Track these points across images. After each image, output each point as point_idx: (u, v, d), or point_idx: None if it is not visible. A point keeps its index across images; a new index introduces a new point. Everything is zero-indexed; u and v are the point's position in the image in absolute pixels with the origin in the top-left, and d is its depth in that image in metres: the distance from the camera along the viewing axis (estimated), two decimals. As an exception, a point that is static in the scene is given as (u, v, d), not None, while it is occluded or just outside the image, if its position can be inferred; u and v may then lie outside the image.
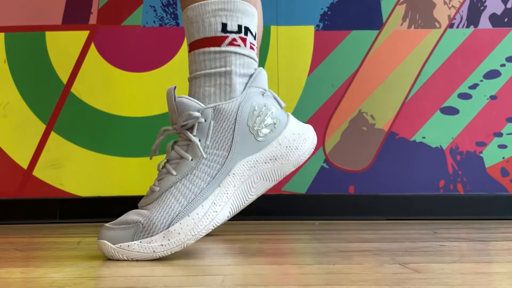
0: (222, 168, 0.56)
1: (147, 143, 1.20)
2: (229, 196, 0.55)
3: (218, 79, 0.58)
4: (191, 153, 0.56)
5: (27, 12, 1.22)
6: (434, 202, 1.18)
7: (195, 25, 0.59)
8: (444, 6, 1.22)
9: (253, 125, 0.57)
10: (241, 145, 0.56)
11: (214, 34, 0.58)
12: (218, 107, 0.57)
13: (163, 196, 0.55)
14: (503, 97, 1.21)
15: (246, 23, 0.59)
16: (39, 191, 1.19)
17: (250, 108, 0.57)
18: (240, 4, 0.58)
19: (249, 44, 0.59)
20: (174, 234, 0.54)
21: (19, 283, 0.44)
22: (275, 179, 0.58)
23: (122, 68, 1.22)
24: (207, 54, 0.58)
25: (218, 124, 0.57)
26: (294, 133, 0.59)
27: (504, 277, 0.45)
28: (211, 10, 0.58)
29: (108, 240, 0.54)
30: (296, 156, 0.58)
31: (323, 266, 0.51)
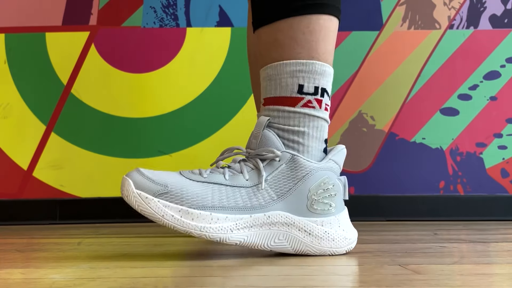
0: (264, 205, 0.57)
1: (147, 143, 1.20)
2: (250, 230, 0.56)
3: (291, 136, 0.59)
4: (251, 176, 0.58)
5: (27, 13, 1.22)
6: (434, 203, 1.18)
7: (272, 82, 0.60)
8: (444, 7, 1.22)
9: (314, 193, 0.58)
10: (292, 200, 0.57)
11: (290, 95, 0.59)
12: (296, 158, 0.58)
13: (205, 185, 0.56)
14: (503, 98, 1.21)
15: (323, 85, 0.60)
16: (39, 192, 1.19)
17: (321, 178, 0.58)
18: (319, 66, 0.59)
19: (324, 106, 0.60)
20: (188, 215, 0.54)
21: (19, 284, 0.44)
22: (296, 251, 0.58)
23: (122, 69, 1.22)
24: (281, 111, 0.59)
25: (287, 171, 0.58)
26: (340, 226, 0.59)
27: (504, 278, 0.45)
28: (290, 71, 0.59)
29: (133, 181, 0.55)
30: (328, 247, 0.58)
31: (323, 267, 0.51)
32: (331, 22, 0.60)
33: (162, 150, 1.20)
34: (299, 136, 0.59)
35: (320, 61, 0.59)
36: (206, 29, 1.22)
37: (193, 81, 1.22)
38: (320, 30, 0.59)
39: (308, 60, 0.58)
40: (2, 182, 1.19)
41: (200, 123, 1.21)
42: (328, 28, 0.60)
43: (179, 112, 1.21)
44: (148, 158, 1.20)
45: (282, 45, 0.59)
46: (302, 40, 0.59)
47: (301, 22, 0.59)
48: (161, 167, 1.19)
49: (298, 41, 0.59)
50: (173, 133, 1.20)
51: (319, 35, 0.59)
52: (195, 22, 1.22)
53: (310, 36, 0.59)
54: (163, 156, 1.20)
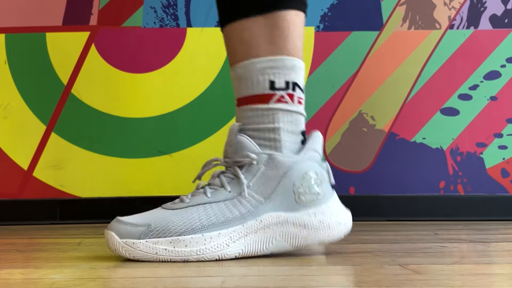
0: (253, 211, 0.57)
1: (148, 144, 1.20)
2: (246, 239, 0.56)
3: (267, 134, 0.59)
4: (233, 187, 0.57)
5: (27, 13, 1.22)
6: (435, 203, 1.18)
7: (243, 82, 0.59)
8: (444, 7, 1.22)
9: (299, 186, 0.58)
10: (280, 199, 0.57)
11: (262, 92, 0.59)
12: (273, 156, 0.58)
13: (189, 208, 0.56)
14: (503, 98, 1.21)
15: (294, 79, 0.59)
16: (39, 192, 1.19)
17: (303, 170, 0.58)
18: (288, 60, 0.59)
19: (297, 99, 0.60)
20: (181, 243, 0.54)
21: (19, 284, 0.44)
22: (295, 247, 0.58)
23: (123, 69, 1.22)
24: (255, 110, 0.59)
25: (267, 171, 0.57)
26: (333, 212, 0.59)
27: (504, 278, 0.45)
28: (260, 68, 0.59)
29: (116, 233, 0.55)
30: (326, 235, 0.58)
31: (323, 267, 0.51)
32: (298, 17, 0.60)
33: (162, 150, 1.20)
34: (274, 133, 0.58)
35: (289, 56, 0.59)
36: (207, 29, 1.22)
37: (193, 81, 1.22)
38: (287, 26, 0.59)
39: (277, 56, 0.58)
40: (2, 182, 1.19)
41: (200, 123, 1.20)
42: (295, 23, 0.59)
43: (179, 112, 1.21)
44: (148, 158, 1.20)
45: (250, 43, 0.59)
46: (270, 37, 0.58)
47: (268, 19, 0.58)
48: (161, 167, 1.19)
49: (266, 38, 0.58)
50: (173, 133, 1.20)
51: (287, 30, 0.59)
52: (196, 22, 1.22)
53: (277, 32, 0.58)
54: (163, 156, 1.20)
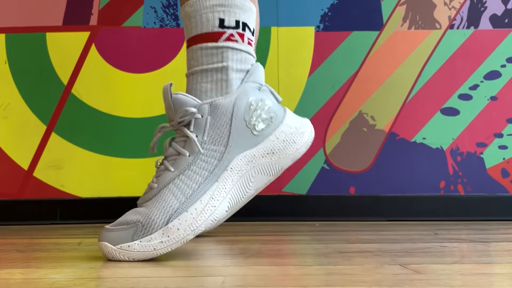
0: (220, 163, 0.56)
1: (148, 144, 1.20)
2: (227, 191, 0.56)
3: (214, 75, 0.58)
4: (188, 149, 0.57)
5: (27, 13, 1.22)
6: (435, 203, 1.18)
7: (192, 20, 0.59)
8: (444, 7, 1.22)
9: (250, 119, 0.57)
10: (238, 140, 0.57)
11: (212, 30, 0.58)
12: (214, 103, 0.57)
13: (161, 192, 0.56)
14: (504, 98, 1.21)
15: (244, 19, 0.59)
16: (39, 192, 1.19)
17: (246, 103, 0.58)
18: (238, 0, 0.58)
19: (246, 40, 0.59)
20: (173, 230, 0.54)
21: (19, 284, 0.44)
22: (274, 174, 0.58)
23: (123, 69, 1.22)
24: (204, 49, 0.58)
25: (215, 120, 0.57)
26: (291, 127, 0.59)
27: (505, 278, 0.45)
28: (209, 5, 0.58)
29: (108, 241, 0.54)
30: (294, 150, 0.58)
31: (323, 267, 0.51)
32: None
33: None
34: (222, 73, 0.58)
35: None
36: (207, 29, 1.22)
37: (193, 81, 1.21)
38: None
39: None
40: (2, 182, 1.19)
41: (200, 123, 1.20)
42: None
43: (180, 112, 1.21)
44: (149, 158, 1.20)
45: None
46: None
47: None
48: (162, 167, 1.19)
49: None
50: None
51: None
52: (196, 22, 1.22)
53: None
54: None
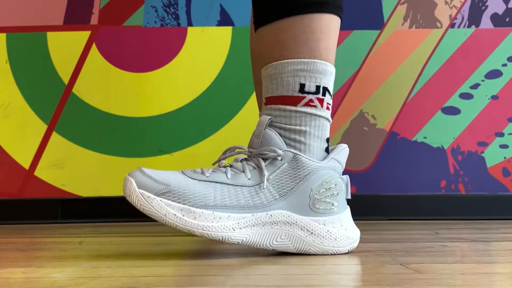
0: (266, 204, 0.57)
1: (148, 143, 1.20)
2: (252, 229, 0.56)
3: (293, 135, 0.59)
4: (253, 175, 0.58)
5: (28, 12, 1.22)
6: (436, 202, 1.18)
7: (274, 82, 0.60)
8: (445, 6, 1.22)
9: (316, 192, 0.58)
10: (295, 199, 0.57)
11: (292, 94, 0.59)
12: (298, 157, 0.58)
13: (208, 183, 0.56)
14: (505, 97, 1.21)
15: (324, 84, 0.59)
16: (40, 191, 1.19)
17: (323, 177, 0.58)
18: (321, 64, 0.59)
19: (325, 105, 0.60)
20: (190, 215, 0.54)
21: (20, 283, 0.44)
22: (298, 250, 0.58)
23: (124, 68, 1.22)
24: (282, 111, 0.59)
25: (289, 170, 0.58)
26: (342, 226, 0.59)
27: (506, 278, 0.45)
28: (291, 70, 0.59)
29: (136, 181, 0.55)
30: (330, 246, 0.58)
31: (324, 266, 0.51)
32: (332, 21, 0.60)
33: (163, 149, 1.20)
34: (300, 135, 0.59)
35: (321, 60, 0.59)
36: (207, 28, 1.22)
37: (194, 80, 1.22)
38: (321, 29, 0.59)
39: (309, 59, 0.58)
40: (3, 182, 1.19)
41: (201, 122, 1.21)
42: (329, 26, 0.60)
43: (180, 111, 1.21)
44: (149, 157, 1.20)
45: (283, 44, 0.59)
46: (303, 39, 0.59)
47: (303, 21, 0.59)
48: (162, 166, 1.19)
49: (299, 40, 0.59)
50: (174, 132, 1.20)
51: (321, 34, 0.59)
52: (196, 21, 1.22)
53: (311, 35, 0.59)
54: (164, 155, 1.20)
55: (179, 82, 1.22)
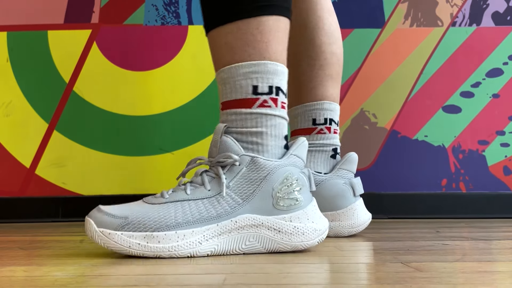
0: (230, 211, 0.57)
1: (149, 142, 1.20)
2: (219, 238, 0.57)
3: (250, 137, 0.59)
4: (212, 185, 0.58)
5: (29, 11, 1.22)
6: (437, 201, 1.18)
7: (227, 86, 0.60)
8: (446, 4, 1.22)
9: (278, 191, 0.58)
10: (258, 202, 0.58)
11: (245, 97, 0.59)
12: (255, 159, 0.58)
13: (167, 204, 0.57)
14: (506, 95, 1.21)
15: (277, 83, 0.60)
16: (41, 190, 1.19)
17: (283, 175, 0.58)
18: (271, 65, 0.59)
19: (280, 104, 0.60)
20: (154, 240, 0.55)
21: (22, 282, 0.44)
22: (268, 250, 0.58)
23: (124, 67, 1.22)
24: (238, 114, 0.60)
25: (248, 174, 0.58)
26: (309, 219, 0.59)
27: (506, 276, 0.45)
28: (243, 73, 0.59)
29: (94, 221, 0.56)
30: (298, 241, 0.59)
31: (325, 265, 0.51)
32: (280, 22, 0.60)
33: (164, 148, 1.20)
34: (257, 137, 0.59)
35: (272, 60, 0.59)
36: (208, 26, 1.22)
37: (195, 78, 1.22)
38: (269, 31, 0.59)
39: (260, 61, 0.59)
40: (4, 180, 1.19)
41: (201, 121, 1.21)
42: (277, 28, 0.60)
43: (181, 110, 1.21)
44: (150, 155, 1.20)
45: (233, 48, 0.59)
46: (252, 42, 0.59)
47: (250, 24, 0.59)
48: (163, 165, 1.19)
49: (248, 43, 0.59)
50: (174, 131, 1.20)
51: (269, 35, 0.59)
52: (197, 20, 1.22)
53: (260, 37, 0.59)
54: (165, 154, 1.20)
55: (180, 81, 1.22)
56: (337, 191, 0.77)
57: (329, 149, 0.81)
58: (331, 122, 0.81)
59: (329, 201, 0.76)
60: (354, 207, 0.77)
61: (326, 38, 0.82)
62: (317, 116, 0.81)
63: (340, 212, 0.76)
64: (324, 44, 0.82)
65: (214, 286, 0.41)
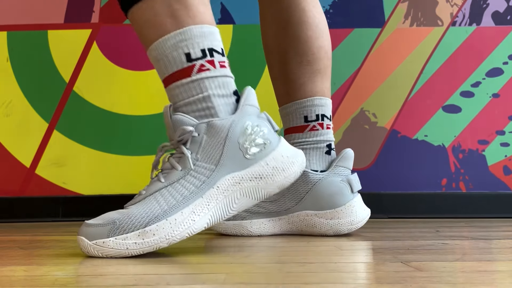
0: (208, 180, 0.57)
1: (149, 141, 1.20)
2: (209, 208, 0.57)
3: (199, 104, 0.59)
4: (181, 164, 0.59)
5: (29, 11, 1.22)
6: (437, 200, 1.18)
7: (161, 62, 0.60)
8: (446, 4, 1.22)
9: (244, 142, 0.59)
10: (229, 161, 0.58)
11: (181, 67, 0.59)
12: (211, 123, 0.58)
13: (147, 199, 0.57)
14: (506, 95, 1.21)
15: (208, 45, 0.59)
16: (42, 190, 1.19)
17: (243, 126, 0.59)
18: (196, 28, 0.59)
19: (218, 64, 0.60)
20: (149, 234, 0.55)
21: (22, 281, 0.44)
22: (258, 198, 0.59)
23: (124, 66, 1.22)
24: (180, 86, 0.59)
25: (210, 139, 0.58)
26: (283, 156, 0.60)
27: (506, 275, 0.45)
28: (171, 44, 0.59)
29: (85, 236, 0.56)
30: (282, 178, 0.59)
31: (325, 264, 0.51)
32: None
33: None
34: (206, 102, 0.59)
35: (196, 24, 0.59)
36: (208, 26, 1.22)
37: (195, 78, 1.21)
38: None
39: (183, 28, 0.58)
40: (5, 180, 1.20)
41: (202, 120, 1.21)
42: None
43: (181, 110, 1.21)
44: (150, 155, 1.20)
45: (154, 23, 0.59)
46: (171, 12, 0.58)
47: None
48: (163, 165, 1.19)
49: (168, 14, 0.58)
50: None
51: (186, 0, 0.59)
52: (197, 19, 1.22)
53: (178, 5, 0.58)
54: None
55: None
56: (335, 189, 0.77)
57: (323, 145, 0.80)
58: (323, 117, 0.80)
59: (327, 199, 0.76)
60: (353, 204, 0.77)
61: (312, 32, 0.81)
62: (308, 113, 0.80)
63: (339, 210, 0.76)
64: (310, 38, 0.81)
65: (214, 286, 0.41)
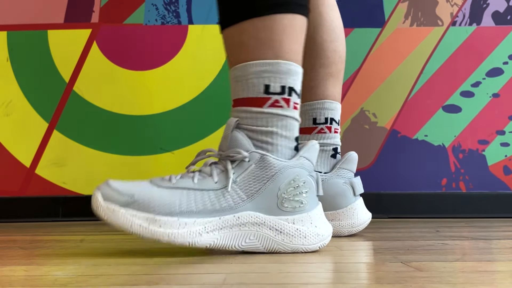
0: (234, 207, 0.57)
1: (149, 141, 1.20)
2: (220, 232, 0.57)
3: (260, 136, 0.59)
4: (220, 178, 0.58)
5: (29, 11, 1.22)
6: (437, 200, 1.18)
7: (239, 84, 0.60)
8: (446, 3, 1.22)
9: (284, 191, 0.58)
10: (262, 200, 0.58)
11: (257, 95, 0.59)
12: (265, 157, 0.58)
13: (174, 190, 0.57)
14: (506, 95, 1.21)
15: (290, 84, 0.59)
16: (42, 190, 1.19)
17: (291, 176, 0.58)
18: (285, 65, 0.59)
19: (292, 105, 0.60)
20: (156, 223, 0.55)
21: (22, 281, 0.44)
22: (267, 249, 0.58)
23: (124, 66, 1.22)
24: (249, 112, 0.59)
25: (256, 171, 0.58)
26: (312, 223, 0.59)
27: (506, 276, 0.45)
28: (255, 71, 0.59)
29: (102, 194, 0.56)
30: (300, 244, 0.58)
31: (324, 264, 0.51)
32: (296, 21, 0.60)
33: (164, 148, 1.20)
34: (267, 136, 0.59)
35: (285, 60, 0.59)
36: (208, 26, 1.22)
37: (195, 78, 1.22)
38: (284, 29, 0.59)
39: (272, 60, 0.58)
40: (4, 180, 1.20)
41: (202, 120, 1.21)
42: (293, 26, 0.59)
43: (181, 110, 1.21)
44: (150, 155, 1.20)
45: (247, 46, 0.59)
46: (266, 40, 0.58)
47: (264, 22, 0.58)
48: (163, 165, 1.19)
49: (262, 41, 0.58)
50: (175, 131, 1.20)
51: (283, 34, 0.59)
52: (197, 19, 1.22)
53: (274, 36, 0.58)
54: (165, 154, 1.20)
55: (180, 80, 1.22)
56: (337, 190, 0.77)
57: (329, 148, 0.81)
58: (331, 121, 0.81)
59: (329, 201, 0.76)
60: (354, 207, 0.77)
61: (327, 36, 0.82)
62: (317, 115, 0.81)
63: (340, 212, 0.76)
64: (325, 42, 0.81)
65: (214, 286, 0.41)
